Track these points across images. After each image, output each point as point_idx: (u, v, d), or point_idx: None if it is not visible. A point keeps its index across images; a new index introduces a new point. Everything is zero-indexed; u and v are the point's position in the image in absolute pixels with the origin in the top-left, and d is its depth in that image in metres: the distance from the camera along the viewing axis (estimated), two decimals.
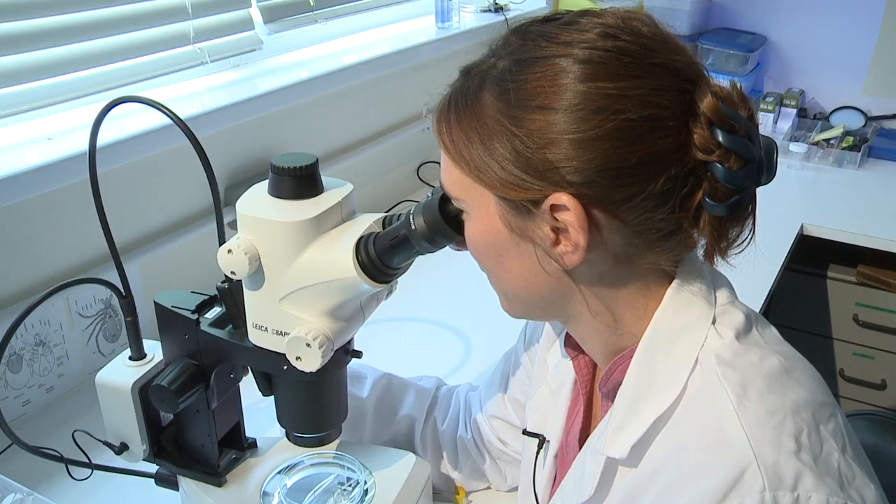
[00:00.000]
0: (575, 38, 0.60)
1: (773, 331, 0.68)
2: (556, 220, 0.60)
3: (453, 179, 0.65)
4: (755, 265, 0.70)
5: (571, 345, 0.77)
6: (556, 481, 0.81)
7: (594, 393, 0.78)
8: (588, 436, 0.75)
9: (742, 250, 0.64)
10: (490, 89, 0.61)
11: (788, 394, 0.60)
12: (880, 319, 2.09)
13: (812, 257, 2.08)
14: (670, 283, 0.66)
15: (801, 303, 2.18)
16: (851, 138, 2.17)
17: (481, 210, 0.64)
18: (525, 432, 0.84)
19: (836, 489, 0.56)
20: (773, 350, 0.64)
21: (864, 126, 2.28)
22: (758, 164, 0.60)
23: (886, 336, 2.10)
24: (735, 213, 0.60)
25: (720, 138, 0.58)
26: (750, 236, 0.63)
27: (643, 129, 0.58)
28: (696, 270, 0.67)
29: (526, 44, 0.62)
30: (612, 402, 0.68)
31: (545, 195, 0.60)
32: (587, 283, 0.65)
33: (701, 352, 0.63)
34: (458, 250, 0.71)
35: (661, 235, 0.62)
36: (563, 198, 0.59)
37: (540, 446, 0.82)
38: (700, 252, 0.65)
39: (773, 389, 0.60)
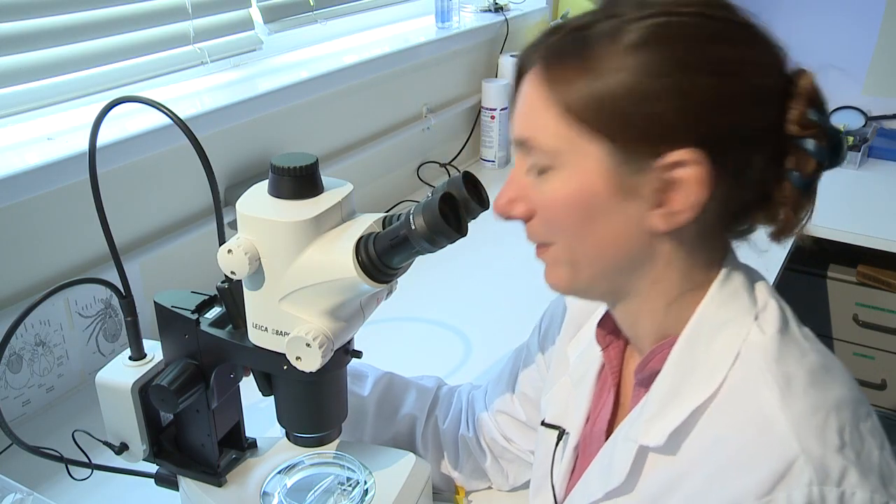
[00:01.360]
0: (691, 4, 0.61)
1: (808, 329, 0.68)
2: (671, 177, 0.60)
3: (553, 132, 0.62)
4: (755, 265, 0.70)
5: (608, 330, 0.77)
6: (573, 473, 0.81)
7: (621, 383, 0.79)
8: (613, 426, 0.75)
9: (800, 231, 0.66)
10: (624, 43, 0.60)
11: (829, 391, 0.61)
12: (880, 319, 2.09)
13: (812, 257, 2.08)
14: (716, 272, 0.67)
15: (801, 303, 2.17)
16: (851, 138, 2.17)
17: (580, 166, 0.62)
18: (544, 424, 0.84)
19: (879, 487, 0.56)
20: (811, 347, 0.65)
21: (864, 126, 2.28)
22: (837, 144, 0.62)
23: (886, 336, 2.10)
24: (810, 192, 0.64)
25: (815, 116, 0.61)
26: (807, 218, 0.66)
27: (759, 97, 0.61)
28: (739, 264, 0.68)
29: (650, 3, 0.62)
30: (646, 390, 0.68)
31: (671, 149, 0.60)
32: (667, 254, 0.65)
33: (743, 345, 0.63)
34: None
35: (740, 212, 0.65)
36: (688, 154, 0.59)
37: (559, 438, 0.82)
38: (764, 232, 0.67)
39: (815, 385, 0.61)
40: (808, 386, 0.60)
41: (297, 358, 0.70)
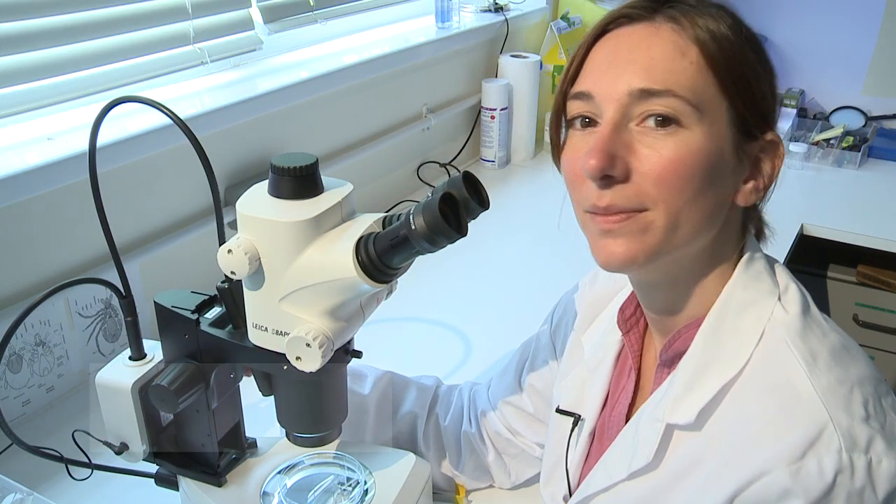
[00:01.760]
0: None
1: (824, 314, 0.70)
2: (765, 155, 0.68)
3: (692, 82, 0.63)
4: None
5: (628, 315, 0.79)
6: (587, 459, 0.82)
7: (641, 367, 0.80)
8: (632, 409, 0.77)
9: None
10: (740, 30, 0.66)
11: (851, 367, 0.63)
12: (880, 319, 2.09)
13: (812, 257, 2.08)
14: (739, 256, 0.70)
15: None
16: (851, 138, 2.18)
17: (716, 122, 0.63)
18: (559, 410, 0.85)
19: None
20: (831, 328, 0.67)
21: (864, 126, 2.28)
22: None
23: (886, 336, 2.10)
24: None
25: None
26: None
27: None
28: (758, 249, 0.71)
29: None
30: (670, 369, 0.71)
31: (770, 128, 0.67)
32: (729, 230, 0.69)
33: (767, 324, 0.65)
34: None
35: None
36: (777, 137, 0.68)
37: (574, 425, 0.82)
38: None
39: (838, 362, 0.63)
40: (832, 362, 0.62)
41: (297, 358, 0.70)
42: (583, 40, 0.69)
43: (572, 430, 0.82)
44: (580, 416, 0.82)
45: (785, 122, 2.28)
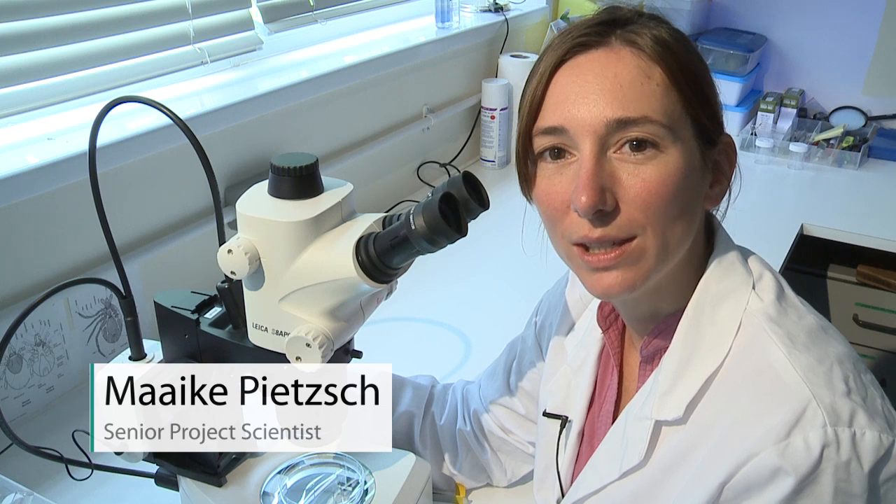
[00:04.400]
0: None
1: (802, 298, 0.71)
2: (722, 158, 0.69)
3: (663, 106, 0.64)
4: None
5: (606, 313, 0.79)
6: (577, 460, 0.82)
7: (622, 364, 0.80)
8: (618, 407, 0.77)
9: None
10: (686, 41, 0.68)
11: (830, 346, 0.64)
12: (880, 319, 2.09)
13: (812, 257, 2.08)
14: (709, 250, 0.71)
15: None
16: (851, 138, 2.17)
17: (684, 143, 0.65)
18: (546, 414, 0.85)
19: (886, 427, 0.60)
20: (807, 311, 0.68)
21: (864, 126, 2.28)
22: None
23: (886, 336, 2.09)
24: None
25: None
26: None
27: None
28: (731, 242, 0.72)
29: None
30: (651, 366, 0.72)
31: (722, 131, 0.69)
32: (698, 231, 0.70)
33: (744, 314, 0.66)
34: None
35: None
36: (727, 136, 0.69)
37: (562, 427, 0.82)
38: None
39: (816, 342, 0.64)
40: (810, 343, 0.64)
41: (297, 358, 0.70)
42: (538, 73, 0.68)
43: (560, 433, 0.82)
44: (568, 417, 0.82)
45: (785, 122, 2.28)
